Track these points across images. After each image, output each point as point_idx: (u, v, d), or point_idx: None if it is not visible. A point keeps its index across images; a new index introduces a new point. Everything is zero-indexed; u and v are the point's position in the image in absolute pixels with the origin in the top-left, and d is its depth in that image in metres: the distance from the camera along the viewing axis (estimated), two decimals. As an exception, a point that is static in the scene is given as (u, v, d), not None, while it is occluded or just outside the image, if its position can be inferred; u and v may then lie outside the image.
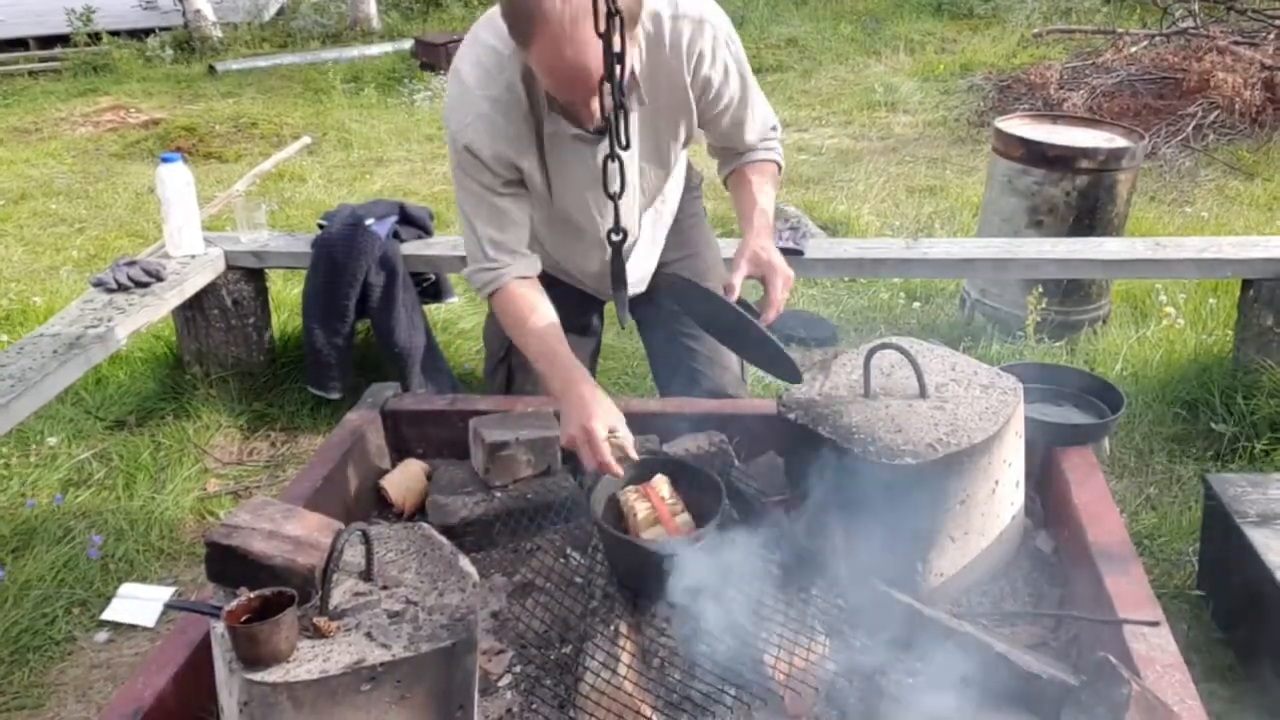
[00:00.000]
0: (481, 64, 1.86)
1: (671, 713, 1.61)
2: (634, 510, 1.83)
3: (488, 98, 1.85)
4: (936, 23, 10.17)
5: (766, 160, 2.20)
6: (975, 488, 1.82)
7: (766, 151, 2.21)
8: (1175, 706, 1.47)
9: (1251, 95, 6.26)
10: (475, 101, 1.86)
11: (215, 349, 3.65)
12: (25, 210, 6.22)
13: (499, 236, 1.99)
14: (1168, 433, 3.18)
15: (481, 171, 1.93)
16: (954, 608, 1.87)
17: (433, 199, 5.92)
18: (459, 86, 1.88)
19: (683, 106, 2.00)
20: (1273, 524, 2.16)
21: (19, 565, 2.75)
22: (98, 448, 3.35)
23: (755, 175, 2.18)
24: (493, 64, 1.84)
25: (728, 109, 2.05)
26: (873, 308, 4.28)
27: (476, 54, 1.87)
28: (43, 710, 2.38)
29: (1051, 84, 7.13)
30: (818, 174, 6.26)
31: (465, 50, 1.90)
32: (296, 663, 1.34)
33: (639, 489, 1.87)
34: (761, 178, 2.18)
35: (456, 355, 3.90)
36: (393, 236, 3.48)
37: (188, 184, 3.39)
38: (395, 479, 2.25)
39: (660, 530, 1.80)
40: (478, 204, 1.97)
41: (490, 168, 1.92)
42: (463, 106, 1.88)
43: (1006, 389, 1.94)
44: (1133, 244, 3.46)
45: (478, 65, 1.86)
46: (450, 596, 1.48)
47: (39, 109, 8.89)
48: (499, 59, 1.84)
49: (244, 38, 11.24)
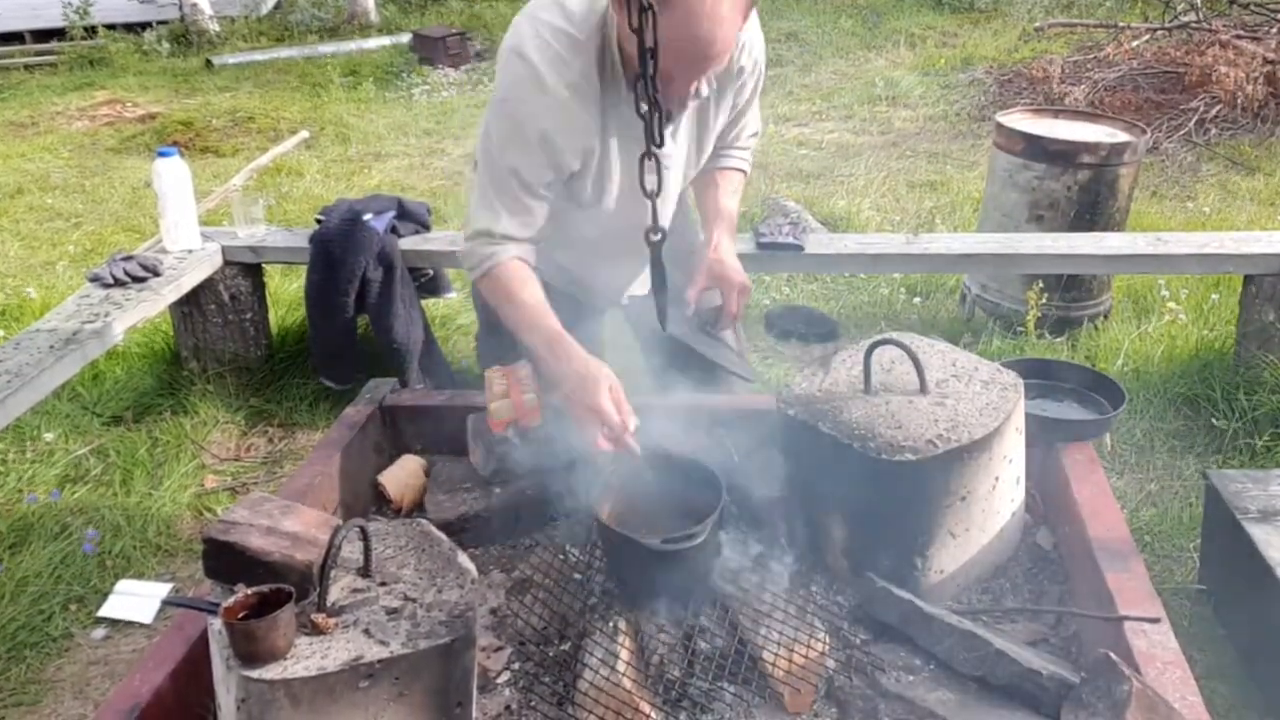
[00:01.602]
0: (552, 48, 1.76)
1: (670, 710, 1.61)
2: (491, 383, 2.07)
3: (566, 84, 1.77)
4: (937, 17, 10.14)
5: (736, 169, 2.23)
6: (976, 484, 1.81)
7: (741, 158, 2.23)
8: (1176, 703, 1.47)
9: (1254, 90, 6.25)
10: (552, 88, 1.77)
11: (212, 344, 3.64)
12: (21, 205, 6.20)
13: (519, 233, 1.92)
14: (1169, 428, 3.17)
15: (539, 165, 1.85)
16: (954, 604, 1.87)
17: (431, 194, 5.90)
18: (528, 71, 1.77)
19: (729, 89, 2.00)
20: (1274, 520, 2.16)
21: (16, 561, 2.74)
22: (95, 443, 3.34)
23: (723, 181, 2.20)
24: (566, 48, 1.76)
25: (736, 104, 2.05)
26: (873, 303, 4.27)
27: (543, 37, 1.77)
28: (40, 707, 2.38)
29: (1053, 78, 7.11)
30: (818, 169, 6.24)
31: (525, 32, 1.78)
32: (294, 659, 1.33)
33: (503, 369, 2.09)
34: (729, 184, 2.20)
35: (454, 350, 3.89)
36: (391, 231, 3.47)
37: (184, 179, 3.38)
38: (393, 475, 2.25)
39: (507, 403, 2.02)
40: (515, 202, 1.89)
41: (554, 160, 1.85)
42: (537, 93, 1.77)
43: (1007, 385, 1.93)
44: (1134, 239, 3.45)
45: (547, 50, 1.76)
46: (449, 593, 1.47)
47: (35, 103, 8.86)
48: (572, 43, 1.76)
49: (241, 31, 11.21)
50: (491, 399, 2.06)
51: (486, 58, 9.63)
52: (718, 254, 2.09)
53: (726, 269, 2.09)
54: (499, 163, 1.86)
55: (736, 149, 2.22)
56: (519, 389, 2.05)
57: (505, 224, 1.90)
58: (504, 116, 1.84)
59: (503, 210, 1.89)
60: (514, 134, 1.82)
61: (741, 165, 2.23)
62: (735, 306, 2.10)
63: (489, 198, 1.90)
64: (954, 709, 1.56)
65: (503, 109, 1.84)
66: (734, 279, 2.09)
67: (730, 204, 2.18)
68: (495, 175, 1.88)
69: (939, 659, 1.66)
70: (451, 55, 9.41)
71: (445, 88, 8.94)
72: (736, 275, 2.09)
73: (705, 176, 2.18)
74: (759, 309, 4.16)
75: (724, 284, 2.09)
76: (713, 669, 1.67)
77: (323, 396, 3.60)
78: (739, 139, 2.21)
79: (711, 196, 2.18)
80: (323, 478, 2.10)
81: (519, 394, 2.04)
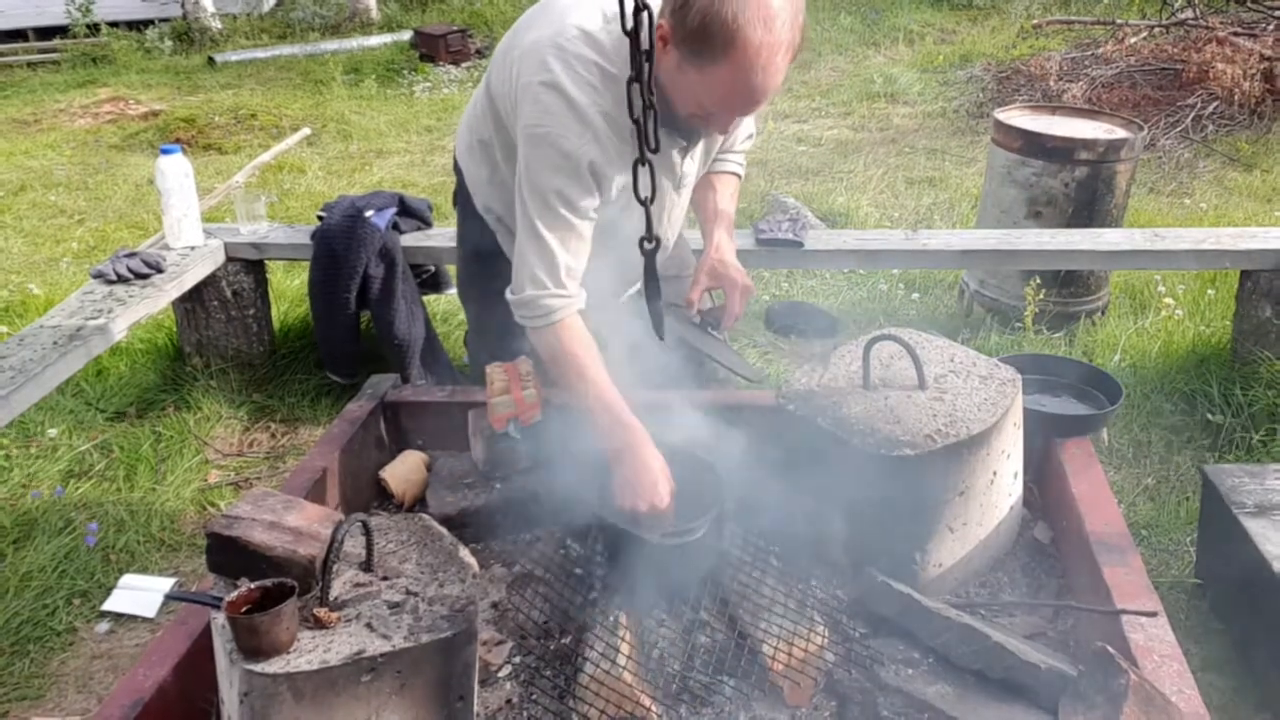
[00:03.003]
0: (586, 80, 1.76)
1: (670, 703, 1.62)
2: (492, 379, 2.11)
3: (602, 114, 1.78)
4: (936, 13, 10.13)
5: (732, 173, 2.26)
6: (974, 479, 1.82)
7: (736, 162, 2.26)
8: (1173, 696, 1.48)
9: (1251, 86, 6.25)
10: (592, 119, 1.77)
11: (215, 340, 3.65)
12: (25, 202, 6.21)
13: (575, 265, 1.87)
14: (1166, 423, 3.18)
15: (589, 193, 1.83)
16: (952, 598, 1.88)
17: (432, 190, 5.91)
18: (565, 103, 1.76)
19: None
20: (1270, 514, 2.17)
21: (20, 556, 2.76)
22: (98, 439, 3.35)
23: (720, 184, 2.23)
24: (599, 80, 1.77)
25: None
26: (872, 299, 4.27)
27: (575, 70, 1.76)
28: (44, 701, 2.39)
29: (1051, 75, 7.11)
30: (817, 165, 6.25)
31: (556, 66, 1.77)
32: (297, 653, 1.34)
33: (503, 365, 2.14)
34: (726, 188, 2.24)
35: (456, 346, 3.90)
36: (392, 228, 3.48)
37: (187, 175, 3.39)
38: (395, 470, 2.26)
39: (508, 399, 2.08)
40: (568, 229, 1.84)
41: (602, 189, 1.84)
42: (579, 125, 1.77)
43: (1005, 380, 1.94)
44: (1131, 235, 3.46)
45: (581, 81, 1.76)
46: (450, 587, 1.48)
47: (38, 100, 8.86)
48: (604, 74, 1.77)
49: (243, 29, 11.22)
50: (492, 395, 2.09)
51: (487, 54, 9.63)
52: (719, 254, 2.12)
53: (729, 269, 2.12)
54: (544, 190, 1.81)
55: (732, 153, 2.25)
56: (519, 385, 2.09)
57: (562, 257, 1.84)
58: (545, 147, 1.79)
59: (555, 243, 1.83)
60: (557, 161, 1.79)
61: (736, 170, 2.27)
62: (738, 307, 2.12)
63: (538, 234, 1.84)
64: (952, 702, 1.57)
65: (543, 140, 1.79)
66: (736, 279, 2.11)
67: (728, 206, 2.21)
68: (541, 205, 1.83)
69: (937, 652, 1.67)
70: (453, 52, 9.42)
71: (446, 84, 8.95)
72: (739, 276, 2.12)
73: (702, 181, 2.20)
74: (759, 305, 4.17)
75: (726, 284, 2.12)
76: (713, 662, 1.68)
77: (325, 392, 3.61)
78: (735, 143, 2.23)
79: (710, 199, 2.20)
80: (325, 473, 2.11)
81: (519, 390, 2.07)
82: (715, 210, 2.18)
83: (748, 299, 2.13)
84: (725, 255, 2.12)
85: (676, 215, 2.15)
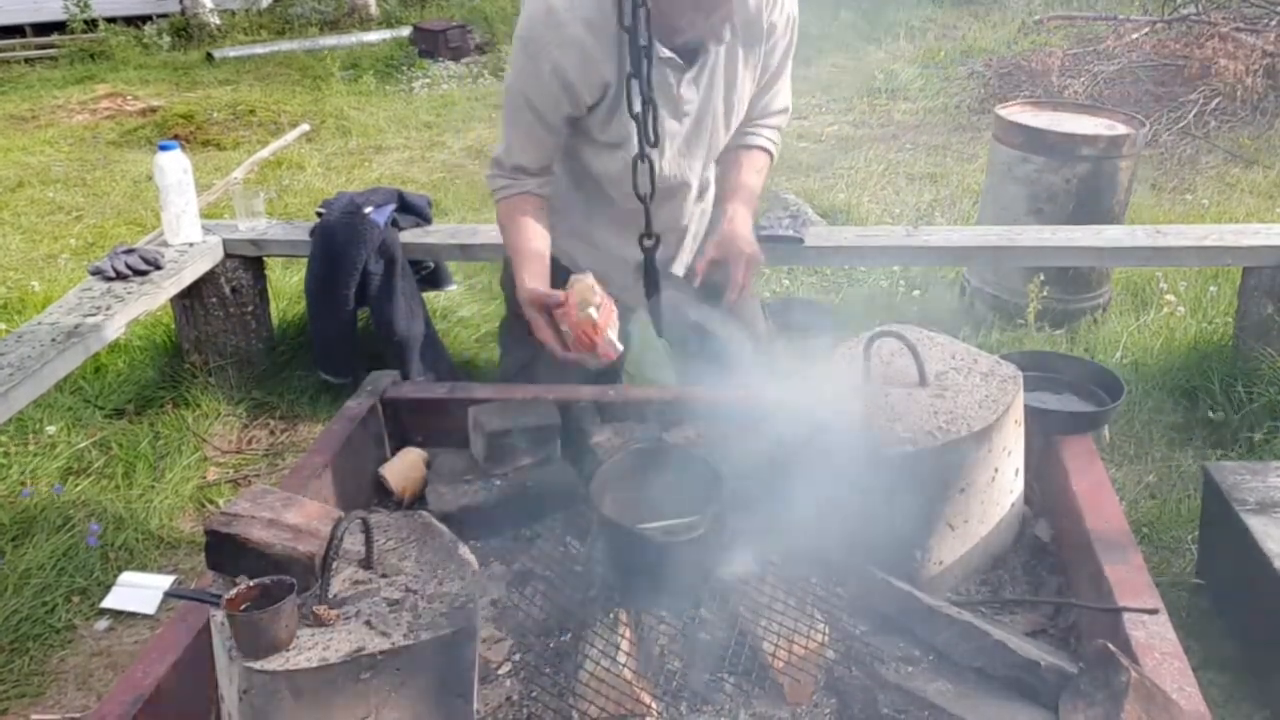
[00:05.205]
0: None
1: (671, 700, 1.61)
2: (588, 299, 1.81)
3: (581, 19, 1.80)
4: (937, 9, 10.12)
5: (762, 148, 2.19)
6: (974, 476, 1.82)
7: (767, 137, 2.19)
8: (1174, 694, 1.47)
9: (1253, 82, 6.24)
10: (566, 23, 1.81)
11: (214, 337, 3.64)
12: (22, 198, 6.20)
13: (527, 162, 2.01)
14: (1167, 421, 3.18)
15: (550, 98, 1.90)
16: (953, 595, 1.87)
17: (431, 186, 5.90)
18: (542, 6, 1.82)
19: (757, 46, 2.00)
20: (1271, 512, 2.16)
21: (19, 554, 2.75)
22: (97, 436, 3.35)
23: (747, 159, 2.17)
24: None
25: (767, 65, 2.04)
26: (872, 296, 4.27)
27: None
28: (43, 698, 2.39)
29: (1052, 71, 7.10)
30: (818, 161, 6.24)
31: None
32: (296, 651, 1.34)
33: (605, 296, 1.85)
34: (752, 163, 2.17)
35: (455, 343, 3.90)
36: (391, 224, 3.48)
37: (185, 172, 3.38)
38: (395, 467, 2.25)
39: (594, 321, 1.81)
40: (528, 130, 1.97)
41: (567, 95, 1.89)
42: (551, 28, 1.82)
43: (1006, 377, 1.93)
44: (1133, 232, 3.46)
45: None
46: (450, 584, 1.48)
47: (35, 96, 8.85)
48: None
49: (242, 25, 11.19)
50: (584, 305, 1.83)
51: (487, 50, 9.62)
52: (731, 225, 2.07)
53: (737, 239, 2.06)
54: (515, 95, 1.94)
55: (764, 126, 2.18)
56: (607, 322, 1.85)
57: (517, 155, 2.00)
58: (522, 52, 1.89)
59: (515, 141, 1.99)
60: (530, 69, 1.88)
61: (767, 145, 2.20)
62: (742, 276, 2.06)
63: (506, 129, 2.01)
64: (953, 699, 1.56)
65: (521, 45, 1.89)
66: (743, 249, 2.05)
67: (752, 180, 2.15)
68: (512, 107, 1.96)
69: (938, 650, 1.66)
70: (452, 48, 9.39)
71: (445, 81, 8.93)
72: (746, 245, 2.06)
73: (729, 155, 2.15)
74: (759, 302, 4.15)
75: (732, 253, 2.06)
76: (713, 660, 1.68)
77: (324, 389, 3.60)
78: (768, 111, 2.17)
79: (733, 174, 2.15)
80: (324, 470, 2.10)
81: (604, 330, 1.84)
82: (736, 183, 2.13)
83: (754, 269, 2.07)
84: (737, 227, 2.07)
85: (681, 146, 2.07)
